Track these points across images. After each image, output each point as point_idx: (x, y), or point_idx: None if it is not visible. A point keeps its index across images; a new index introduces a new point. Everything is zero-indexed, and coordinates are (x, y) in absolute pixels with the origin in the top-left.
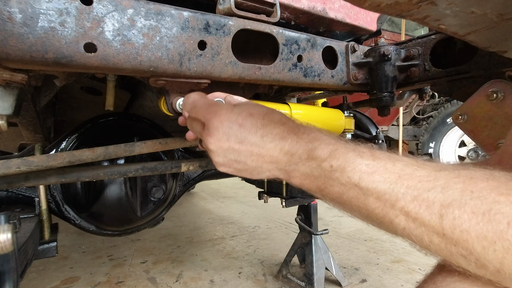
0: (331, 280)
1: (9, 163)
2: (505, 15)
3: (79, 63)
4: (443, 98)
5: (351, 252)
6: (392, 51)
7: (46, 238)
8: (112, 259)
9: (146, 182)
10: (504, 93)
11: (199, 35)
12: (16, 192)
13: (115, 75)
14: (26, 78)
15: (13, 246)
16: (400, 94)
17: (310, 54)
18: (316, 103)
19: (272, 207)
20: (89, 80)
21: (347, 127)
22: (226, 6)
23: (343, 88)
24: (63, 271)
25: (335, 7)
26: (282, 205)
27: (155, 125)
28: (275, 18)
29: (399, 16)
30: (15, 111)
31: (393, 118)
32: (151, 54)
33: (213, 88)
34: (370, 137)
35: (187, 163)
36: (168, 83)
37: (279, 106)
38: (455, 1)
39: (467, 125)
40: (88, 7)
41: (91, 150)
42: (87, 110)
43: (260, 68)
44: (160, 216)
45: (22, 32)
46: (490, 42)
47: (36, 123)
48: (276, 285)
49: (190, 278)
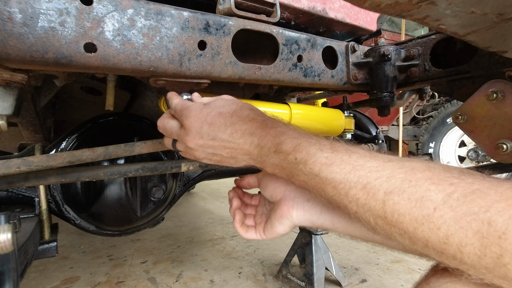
0: (331, 280)
1: (9, 163)
2: (505, 15)
3: (79, 63)
4: (443, 98)
5: (351, 252)
6: (392, 51)
7: (46, 238)
8: (112, 259)
9: (146, 182)
10: (504, 93)
11: (199, 35)
12: (16, 192)
13: (115, 75)
14: (26, 78)
15: (13, 246)
16: (400, 94)
17: (310, 54)
18: (316, 103)
19: None
20: (89, 80)
21: (347, 127)
22: (226, 6)
23: (343, 88)
24: (63, 271)
25: (335, 7)
26: None
27: (155, 125)
28: (275, 18)
29: (399, 16)
30: (15, 111)
31: (393, 118)
32: (151, 54)
33: (213, 88)
34: (370, 137)
35: (187, 163)
36: (168, 83)
37: (279, 106)
38: (455, 1)
39: (467, 125)
40: (88, 7)
41: (91, 150)
42: (87, 110)
43: (260, 68)
44: (160, 216)
45: (22, 32)
46: (490, 42)
47: (36, 123)
48: (276, 285)
49: (190, 278)
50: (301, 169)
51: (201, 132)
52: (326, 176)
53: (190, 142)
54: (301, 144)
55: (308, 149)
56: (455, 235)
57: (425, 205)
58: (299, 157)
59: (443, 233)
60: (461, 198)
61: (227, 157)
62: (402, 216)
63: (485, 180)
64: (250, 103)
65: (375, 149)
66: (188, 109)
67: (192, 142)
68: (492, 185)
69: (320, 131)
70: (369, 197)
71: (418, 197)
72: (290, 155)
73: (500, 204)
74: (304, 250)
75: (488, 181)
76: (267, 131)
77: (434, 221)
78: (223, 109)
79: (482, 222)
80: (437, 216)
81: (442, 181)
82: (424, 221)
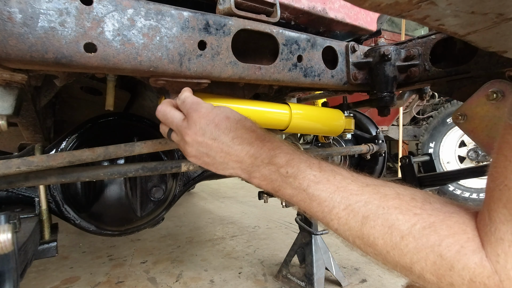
0: (331, 280)
1: (9, 163)
2: (505, 15)
3: (79, 63)
4: (443, 98)
5: (351, 252)
6: (392, 51)
7: (46, 238)
8: (112, 259)
9: (146, 182)
10: (504, 93)
11: (199, 35)
12: (16, 192)
13: (115, 75)
14: (26, 78)
15: (13, 246)
16: (400, 94)
17: (310, 54)
18: (316, 103)
19: (272, 207)
20: (89, 80)
21: (347, 127)
22: (226, 6)
23: (343, 88)
24: (63, 271)
25: (335, 7)
26: (282, 205)
27: (155, 125)
28: (275, 18)
29: (399, 16)
30: (15, 111)
31: (393, 118)
32: (151, 54)
33: (213, 88)
34: (370, 137)
35: (187, 163)
36: (168, 83)
37: (279, 106)
38: (455, 1)
39: (467, 125)
40: (88, 7)
41: (91, 150)
42: (87, 110)
43: (260, 68)
44: (160, 216)
45: (22, 32)
46: (490, 42)
47: (36, 123)
48: (276, 285)
49: (190, 278)
50: (291, 183)
51: (205, 130)
52: (313, 193)
53: (189, 136)
54: (293, 160)
55: (299, 165)
56: (418, 263)
57: (394, 233)
58: (290, 172)
59: (409, 260)
60: (421, 230)
61: (218, 161)
62: (377, 239)
63: (441, 212)
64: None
65: (374, 149)
66: (200, 105)
67: (191, 137)
68: (445, 217)
69: (320, 131)
70: (349, 218)
71: (390, 225)
72: (282, 168)
73: (449, 239)
74: (304, 250)
75: (443, 212)
76: (264, 143)
77: (402, 248)
78: (230, 115)
79: (436, 255)
80: (404, 245)
81: (408, 211)
82: (394, 247)
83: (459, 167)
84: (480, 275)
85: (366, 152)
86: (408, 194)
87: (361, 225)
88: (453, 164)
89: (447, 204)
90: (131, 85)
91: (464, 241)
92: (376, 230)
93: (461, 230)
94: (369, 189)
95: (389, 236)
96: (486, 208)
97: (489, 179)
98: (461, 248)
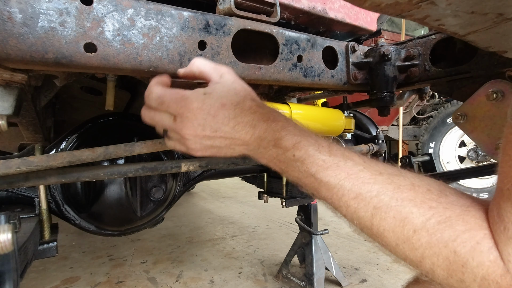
0: (331, 280)
1: (9, 163)
2: (505, 15)
3: (79, 63)
4: (443, 98)
5: (351, 252)
6: (392, 51)
7: (46, 238)
8: (112, 259)
9: (146, 182)
10: (504, 93)
11: (199, 35)
12: (16, 192)
13: (115, 75)
14: (26, 78)
15: (13, 246)
16: (400, 94)
17: (310, 54)
18: (316, 103)
19: (272, 207)
20: (89, 80)
21: (347, 127)
22: (226, 6)
23: (343, 88)
24: (63, 271)
25: (335, 7)
26: (282, 205)
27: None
28: (275, 18)
29: (399, 16)
30: (15, 111)
31: (393, 118)
32: (151, 54)
33: None
34: (370, 137)
35: (187, 163)
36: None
37: (279, 106)
38: (455, 1)
39: (467, 125)
40: (88, 7)
41: (91, 150)
42: (87, 110)
43: (260, 68)
44: (160, 216)
45: (22, 32)
46: (490, 42)
47: (36, 123)
48: (276, 285)
49: (190, 278)
50: (298, 167)
51: (204, 124)
52: (321, 178)
53: (188, 134)
54: (300, 142)
55: (307, 148)
56: (429, 258)
57: (407, 226)
58: (298, 155)
59: (420, 254)
60: (436, 225)
61: (224, 148)
62: (386, 231)
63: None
64: None
65: (374, 149)
66: (187, 100)
67: (190, 134)
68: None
69: (320, 131)
70: (359, 207)
71: (402, 218)
72: (289, 152)
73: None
74: (304, 250)
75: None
76: (269, 124)
77: (414, 242)
78: (225, 100)
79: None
80: (416, 239)
81: (423, 204)
82: (406, 241)
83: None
84: (494, 273)
85: (366, 152)
86: (423, 185)
87: (371, 216)
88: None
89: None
90: (131, 85)
91: (481, 238)
92: (387, 222)
93: (477, 225)
94: (382, 178)
95: (400, 229)
96: (496, 206)
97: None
98: (477, 244)
